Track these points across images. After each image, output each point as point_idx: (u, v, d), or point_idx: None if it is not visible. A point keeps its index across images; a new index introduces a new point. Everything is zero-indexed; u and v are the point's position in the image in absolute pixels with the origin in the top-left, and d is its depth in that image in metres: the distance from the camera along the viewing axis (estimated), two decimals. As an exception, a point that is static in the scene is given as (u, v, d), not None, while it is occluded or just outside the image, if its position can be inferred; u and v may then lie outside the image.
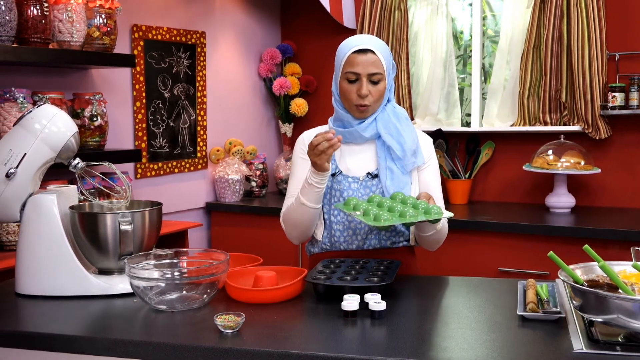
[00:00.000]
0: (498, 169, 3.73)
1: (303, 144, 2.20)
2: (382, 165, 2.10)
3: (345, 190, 2.10)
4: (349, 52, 2.07)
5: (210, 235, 3.83)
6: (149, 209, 1.91)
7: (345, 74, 2.08)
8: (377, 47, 2.06)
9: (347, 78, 2.07)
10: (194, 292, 1.74)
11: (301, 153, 2.19)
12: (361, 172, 2.12)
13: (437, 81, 3.83)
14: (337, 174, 2.12)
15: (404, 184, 2.09)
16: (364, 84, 2.04)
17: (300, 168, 2.17)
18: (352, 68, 2.06)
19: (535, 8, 3.46)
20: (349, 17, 3.96)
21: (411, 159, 2.09)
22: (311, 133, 2.22)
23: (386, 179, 2.08)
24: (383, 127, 2.10)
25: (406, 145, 2.08)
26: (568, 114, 3.46)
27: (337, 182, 2.11)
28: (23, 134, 1.83)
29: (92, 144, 2.89)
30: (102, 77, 3.16)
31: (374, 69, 2.05)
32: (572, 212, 3.32)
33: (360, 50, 2.05)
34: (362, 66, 2.04)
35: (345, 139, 2.13)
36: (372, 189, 2.10)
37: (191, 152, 3.68)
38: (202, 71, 3.70)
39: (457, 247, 3.20)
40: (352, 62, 2.06)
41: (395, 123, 2.10)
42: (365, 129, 2.10)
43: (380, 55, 2.06)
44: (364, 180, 2.11)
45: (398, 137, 2.09)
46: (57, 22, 2.68)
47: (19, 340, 1.59)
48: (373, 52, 2.05)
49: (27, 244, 1.85)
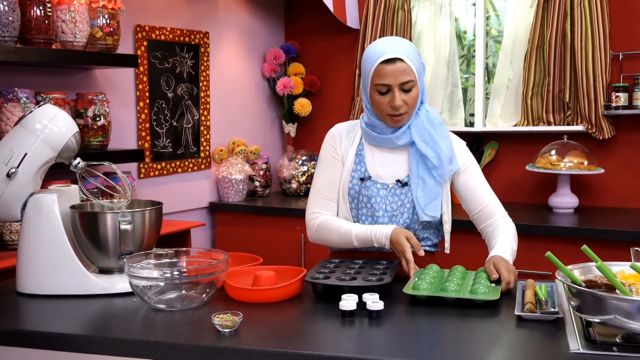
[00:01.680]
0: (501, 169, 3.72)
1: (333, 140, 2.12)
2: (414, 174, 2.03)
3: (373, 197, 2.05)
4: (377, 62, 1.95)
5: (214, 235, 3.83)
6: (148, 209, 1.92)
7: (376, 86, 1.97)
8: (406, 53, 1.96)
9: (378, 90, 1.97)
10: (193, 292, 1.75)
11: (331, 150, 2.12)
12: (391, 179, 2.06)
13: (441, 81, 3.83)
14: (366, 179, 2.06)
15: (436, 195, 2.03)
16: (397, 95, 1.95)
17: (331, 166, 2.10)
18: (382, 80, 1.95)
19: (539, 8, 3.45)
20: (352, 17, 3.96)
21: (448, 167, 2.02)
22: (342, 128, 2.14)
23: (417, 189, 2.02)
24: (417, 134, 2.01)
25: (442, 154, 2.00)
26: (571, 114, 3.45)
27: (366, 188, 2.06)
28: (24, 134, 1.84)
29: (95, 143, 2.90)
30: (105, 77, 3.17)
31: (405, 78, 1.94)
32: (575, 212, 3.31)
33: (388, 60, 1.94)
34: (392, 77, 1.94)
35: (377, 142, 2.07)
36: (400, 198, 2.05)
37: (194, 152, 3.69)
38: (205, 71, 3.71)
39: (460, 247, 3.19)
40: (382, 74, 1.95)
41: (429, 129, 2.01)
42: (399, 137, 2.02)
43: (409, 61, 1.95)
44: (393, 188, 2.05)
45: (434, 145, 2.00)
46: (60, 23, 2.69)
47: (19, 338, 1.60)
48: (402, 60, 1.94)
49: (28, 243, 1.86)
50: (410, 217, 2.06)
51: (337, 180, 2.10)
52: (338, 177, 2.10)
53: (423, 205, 2.02)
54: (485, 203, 2.09)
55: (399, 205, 2.05)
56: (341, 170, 2.10)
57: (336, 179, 2.10)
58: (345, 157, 2.10)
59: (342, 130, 2.13)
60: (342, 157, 2.10)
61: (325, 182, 2.10)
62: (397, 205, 2.05)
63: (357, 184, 2.07)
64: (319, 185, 2.11)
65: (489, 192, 2.11)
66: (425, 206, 2.02)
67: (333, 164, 2.10)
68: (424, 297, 1.72)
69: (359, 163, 2.08)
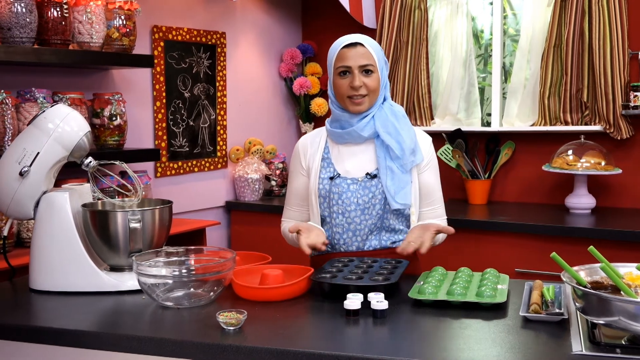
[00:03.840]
0: (518, 169, 3.69)
1: (297, 154, 2.24)
2: (382, 165, 2.09)
3: (344, 193, 2.10)
4: (339, 48, 2.09)
5: (230, 233, 3.86)
6: (158, 208, 1.94)
7: (337, 69, 2.09)
8: (367, 41, 2.09)
9: (339, 73, 2.09)
10: (201, 290, 1.77)
11: (297, 165, 2.23)
12: (360, 173, 2.12)
13: (457, 81, 3.81)
14: (335, 177, 2.12)
15: (405, 183, 2.09)
16: (356, 76, 2.06)
17: (296, 180, 2.23)
18: (342, 62, 2.08)
19: (556, 6, 3.42)
20: (369, 17, 3.96)
21: (410, 157, 2.09)
22: (306, 139, 2.25)
23: (387, 178, 2.08)
24: (381, 125, 2.10)
25: (405, 144, 2.08)
26: (589, 113, 3.41)
27: (336, 185, 2.12)
28: (36, 134, 1.87)
29: (111, 143, 2.94)
30: (122, 77, 3.21)
31: (365, 61, 2.07)
32: (593, 213, 3.28)
33: (349, 45, 2.08)
34: (352, 59, 2.07)
35: (344, 139, 2.14)
36: (371, 190, 2.10)
37: (211, 151, 3.72)
38: (222, 71, 3.73)
39: (475, 247, 3.19)
40: (342, 57, 2.08)
41: (393, 121, 2.10)
42: (363, 128, 2.10)
43: (370, 48, 2.08)
44: (363, 181, 2.11)
45: (396, 136, 2.08)
46: (77, 24, 2.73)
47: (29, 334, 1.63)
48: (362, 45, 2.08)
49: (40, 240, 1.89)
50: (383, 208, 2.10)
51: (301, 191, 2.22)
52: (303, 188, 2.21)
53: (393, 193, 2.07)
54: (438, 204, 2.20)
55: (370, 198, 2.10)
56: (306, 180, 2.20)
57: (301, 190, 2.22)
58: (311, 164, 2.19)
59: (306, 142, 2.24)
60: (307, 167, 2.21)
61: (291, 193, 2.25)
62: (368, 198, 2.10)
63: (327, 183, 2.14)
64: (290, 198, 2.27)
65: (441, 194, 2.21)
66: (395, 194, 2.08)
67: (297, 177, 2.23)
68: (430, 302, 1.72)
69: (327, 165, 2.16)
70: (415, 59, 3.78)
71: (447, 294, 1.73)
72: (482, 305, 1.68)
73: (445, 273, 1.93)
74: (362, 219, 2.10)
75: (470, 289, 1.77)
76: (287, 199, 2.28)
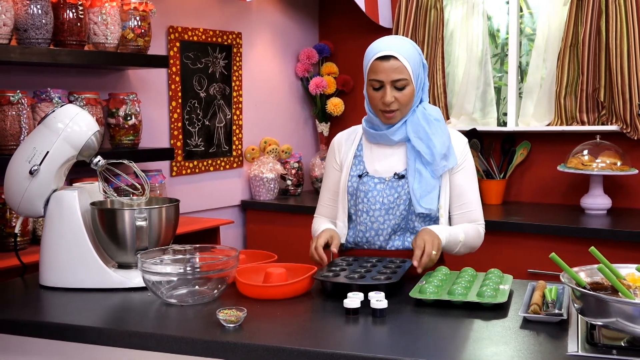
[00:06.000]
0: (533, 169, 3.67)
1: (333, 150, 2.26)
2: (411, 167, 2.09)
3: (370, 191, 2.11)
4: (372, 59, 2.05)
5: (245, 233, 3.89)
6: (164, 206, 1.97)
7: (370, 81, 2.08)
8: (401, 52, 2.03)
9: (372, 86, 2.07)
10: (205, 287, 1.79)
11: (332, 161, 2.25)
12: (389, 173, 2.13)
13: (473, 80, 3.79)
14: (364, 175, 2.13)
15: (432, 187, 2.08)
16: (388, 92, 2.03)
17: (331, 176, 2.25)
18: (375, 76, 2.05)
19: (573, 5, 3.39)
20: (384, 17, 3.96)
21: (441, 163, 2.07)
22: (342, 136, 2.28)
23: (414, 181, 2.07)
24: (412, 130, 2.09)
25: (435, 150, 2.06)
26: (606, 113, 3.38)
27: (363, 184, 2.13)
28: (46, 133, 1.91)
29: (126, 142, 2.98)
30: (138, 77, 3.25)
31: (397, 75, 2.03)
32: (608, 214, 3.24)
33: (382, 57, 2.03)
34: (384, 73, 2.03)
35: (376, 139, 2.15)
36: (397, 190, 2.09)
37: (227, 150, 3.75)
38: (238, 71, 3.76)
39: (489, 247, 3.16)
40: (375, 70, 2.05)
41: (424, 126, 2.08)
42: (394, 133, 2.10)
43: (403, 59, 2.03)
44: (390, 181, 2.10)
45: (427, 141, 2.07)
46: (92, 25, 2.78)
47: (36, 330, 1.67)
48: (396, 58, 2.02)
49: (50, 238, 1.93)
50: (407, 209, 2.09)
51: (334, 187, 2.24)
52: (336, 184, 2.23)
53: (418, 197, 2.06)
54: (471, 208, 2.16)
55: (396, 198, 2.09)
56: (339, 176, 2.21)
57: (334, 185, 2.24)
58: (344, 161, 2.21)
59: (341, 138, 2.27)
60: (341, 163, 2.22)
61: (328, 190, 2.27)
62: (393, 198, 2.09)
63: (355, 181, 2.15)
64: (323, 193, 2.29)
65: (477, 198, 2.17)
66: (420, 198, 2.06)
67: (331, 173, 2.26)
68: (431, 301, 1.72)
69: (358, 163, 2.17)
70: (431, 59, 3.77)
71: (448, 293, 1.73)
72: (483, 305, 1.68)
73: (449, 273, 1.93)
74: (385, 218, 2.10)
75: (472, 289, 1.77)
76: (321, 195, 2.29)
